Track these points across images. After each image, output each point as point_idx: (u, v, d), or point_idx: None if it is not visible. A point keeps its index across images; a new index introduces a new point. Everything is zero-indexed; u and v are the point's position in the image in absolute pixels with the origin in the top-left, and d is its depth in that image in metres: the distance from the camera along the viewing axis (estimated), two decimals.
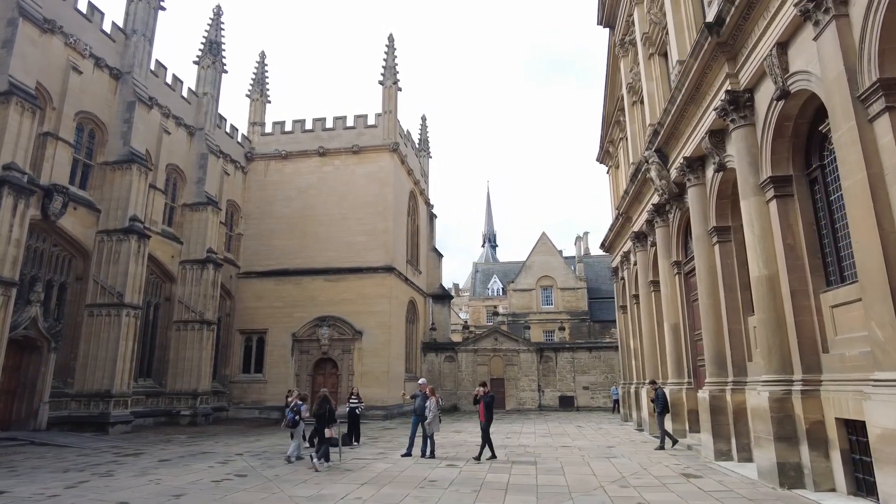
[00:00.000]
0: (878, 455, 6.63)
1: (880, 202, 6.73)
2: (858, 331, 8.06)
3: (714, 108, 11.23)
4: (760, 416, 9.44)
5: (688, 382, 15.68)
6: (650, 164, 15.70)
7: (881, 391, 6.60)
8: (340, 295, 28.64)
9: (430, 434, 13.27)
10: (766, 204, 9.97)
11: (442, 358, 35.10)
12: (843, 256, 8.76)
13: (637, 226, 19.66)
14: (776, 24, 8.94)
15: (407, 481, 10.18)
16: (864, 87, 6.95)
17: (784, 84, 9.00)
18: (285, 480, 10.30)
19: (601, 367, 33.94)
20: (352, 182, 30.04)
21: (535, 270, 50.75)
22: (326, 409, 12.34)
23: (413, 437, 13.74)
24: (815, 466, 8.56)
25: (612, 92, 24.50)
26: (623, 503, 8.20)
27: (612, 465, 11.94)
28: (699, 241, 13.32)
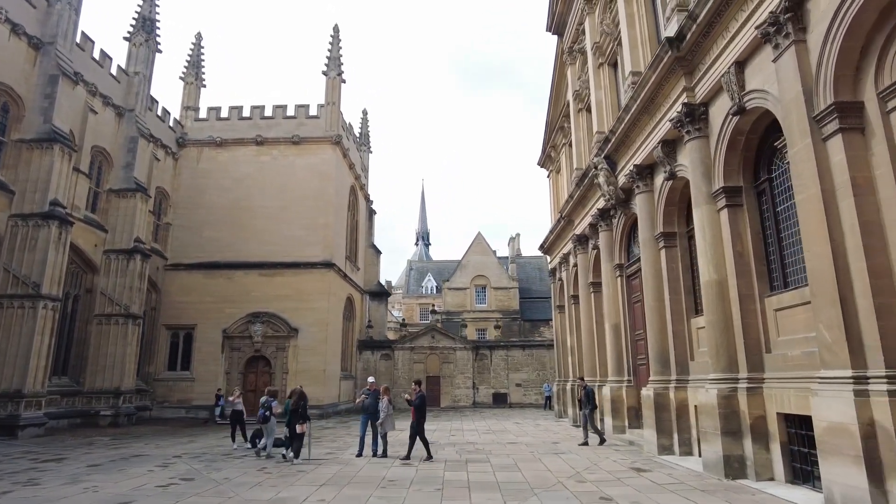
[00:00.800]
0: (823, 446, 7.20)
1: (832, 215, 7.32)
2: (800, 333, 8.75)
3: (669, 119, 11.79)
4: (708, 413, 10.02)
5: (628, 380, 16.39)
6: (599, 170, 16.27)
7: (827, 388, 7.17)
8: (276, 290, 27.70)
9: (383, 433, 13.09)
10: (718, 212, 10.58)
11: (378, 356, 34.77)
12: (787, 264, 9.46)
13: (580, 229, 20.31)
14: (735, 44, 9.51)
15: (366, 481, 9.99)
16: (820, 108, 7.52)
17: (740, 100, 9.59)
18: (239, 483, 9.83)
19: (534, 365, 34.85)
20: (291, 174, 29.12)
21: (469, 270, 51.34)
22: (301, 406, 12.44)
23: (363, 436, 13.51)
24: (756, 458, 9.20)
25: (556, 98, 25.18)
26: (587, 498, 8.44)
27: (563, 460, 12.27)
28: (646, 246, 13.93)
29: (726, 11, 9.55)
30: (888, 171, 6.89)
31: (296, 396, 12.89)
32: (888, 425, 6.36)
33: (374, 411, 13.59)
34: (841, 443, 6.82)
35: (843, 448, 6.78)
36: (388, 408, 12.97)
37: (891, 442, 6.33)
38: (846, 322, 7.00)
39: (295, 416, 12.52)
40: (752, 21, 8.94)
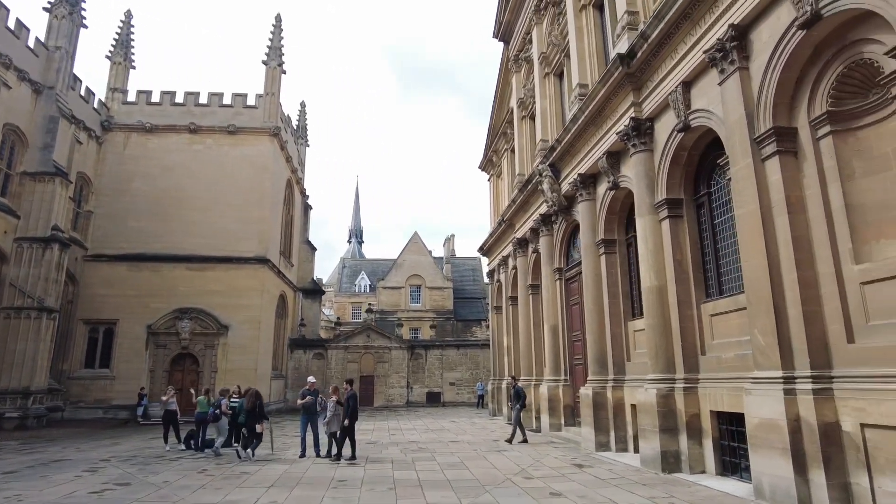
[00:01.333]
0: (754, 441, 7.85)
1: (768, 230, 8.00)
2: (734, 337, 9.47)
3: (616, 131, 12.39)
4: (647, 411, 10.62)
5: (564, 380, 17.02)
6: (543, 177, 16.80)
7: (760, 387, 7.84)
8: (207, 286, 26.55)
9: (328, 433, 12.92)
10: (660, 222, 11.23)
11: (311, 355, 34.08)
12: (723, 273, 10.21)
13: (521, 233, 20.86)
14: (683, 65, 10.15)
15: (316, 482, 9.85)
16: (760, 131, 8.21)
17: (686, 118, 10.25)
18: (181, 487, 9.42)
19: (468, 364, 35.35)
20: (226, 164, 28.01)
21: (405, 269, 51.33)
22: (257, 405, 12.71)
23: (305, 436, 13.27)
24: (691, 453, 9.87)
25: (500, 104, 25.71)
26: (537, 493, 8.74)
27: (506, 458, 12.60)
28: (587, 251, 14.54)
29: (676, 34, 10.17)
30: (817, 191, 7.62)
31: (251, 396, 13.06)
32: (812, 420, 7.04)
33: (315, 411, 13.41)
34: (771, 437, 7.47)
35: (772, 442, 7.43)
36: (336, 408, 12.82)
37: (814, 436, 7.01)
38: (778, 328, 7.68)
39: (252, 415, 12.80)
40: (699, 45, 9.58)
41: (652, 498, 8.16)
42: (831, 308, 7.31)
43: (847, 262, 7.20)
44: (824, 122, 7.59)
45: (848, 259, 7.20)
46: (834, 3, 7.06)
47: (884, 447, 6.47)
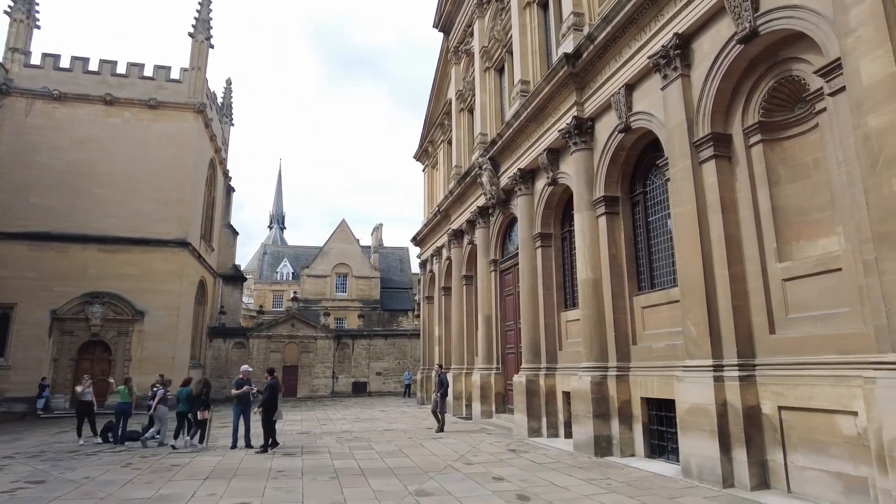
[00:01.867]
0: (684, 424, 8.45)
1: (703, 228, 8.59)
2: (664, 328, 10.10)
3: (559, 129, 12.78)
4: (581, 398, 11.12)
5: (496, 368, 17.45)
6: (483, 170, 17.05)
7: (692, 375, 8.43)
8: (120, 269, 24.80)
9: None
10: (597, 218, 11.73)
11: (231, 344, 32.76)
12: (655, 268, 10.83)
13: (457, 224, 21.07)
14: (627, 68, 10.62)
15: (254, 473, 9.56)
16: (699, 136, 8.77)
17: (627, 120, 10.75)
18: (105, 483, 8.83)
19: (395, 354, 35.33)
20: (145, 140, 26.20)
21: (331, 257, 50.36)
22: (203, 393, 12.86)
23: (237, 427, 12.80)
24: (622, 437, 10.45)
25: (438, 95, 25.72)
26: (481, 478, 8.94)
27: (443, 445, 12.76)
28: (524, 244, 14.94)
29: (622, 37, 10.62)
30: (747, 194, 8.27)
31: (199, 384, 13.19)
32: (737, 405, 7.68)
33: (249, 402, 13.00)
34: (700, 420, 8.07)
35: (701, 425, 8.03)
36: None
37: (738, 418, 7.65)
38: (710, 319, 8.29)
39: (198, 402, 12.86)
40: (644, 50, 10.07)
41: (590, 480, 8.58)
42: (757, 302, 7.98)
43: (772, 260, 7.88)
44: (756, 130, 8.23)
45: (773, 257, 7.87)
46: (770, 22, 7.66)
47: (797, 427, 7.17)
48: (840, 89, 6.59)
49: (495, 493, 7.90)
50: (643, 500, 7.27)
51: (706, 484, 7.84)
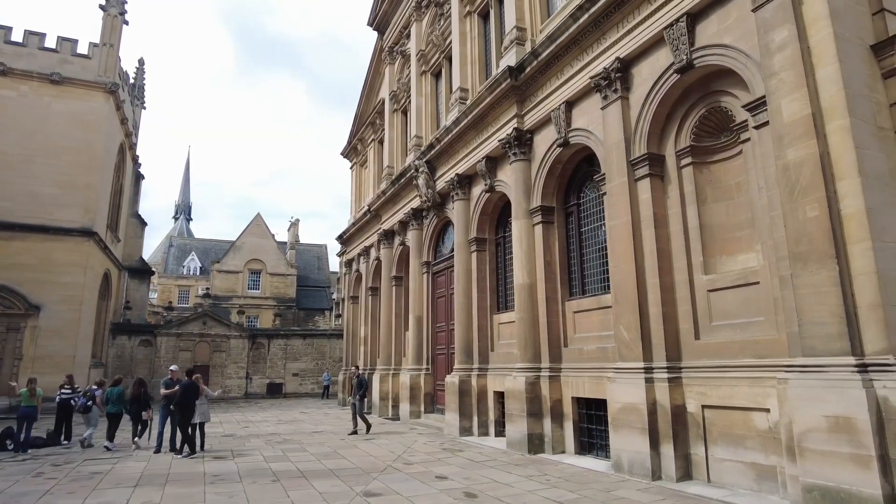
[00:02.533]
0: (616, 422, 9.10)
1: (637, 240, 9.30)
2: (595, 331, 10.80)
3: (499, 139, 13.23)
4: (516, 397, 11.60)
5: (426, 369, 17.67)
6: (419, 173, 17.23)
7: (624, 376, 9.10)
8: (13, 258, 22.52)
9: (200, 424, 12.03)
10: (533, 227, 12.30)
11: (136, 342, 30.68)
12: (587, 275, 11.52)
13: (388, 225, 21.08)
14: (569, 86, 11.23)
15: (188, 479, 9.17)
16: (636, 155, 9.49)
17: (566, 135, 11.36)
18: (19, 495, 8.13)
19: (313, 354, 34.62)
20: (46, 119, 23.96)
21: (244, 252, 48.39)
22: (142, 393, 12.85)
23: (163, 431, 12.16)
24: (553, 435, 11.04)
25: (369, 94, 25.58)
26: (424, 477, 9.12)
27: (377, 446, 12.81)
28: (460, 248, 15.29)
29: (565, 56, 11.21)
30: (678, 211, 9.06)
31: (136, 384, 13.20)
32: (666, 404, 8.41)
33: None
34: (632, 418, 8.74)
35: (633, 422, 8.70)
36: (203, 399, 11.94)
37: (667, 416, 8.37)
38: (641, 325, 8.99)
39: (138, 403, 12.91)
40: (586, 70, 10.70)
41: (528, 476, 9.02)
42: (684, 310, 8.77)
43: (698, 272, 8.69)
44: (687, 153, 9.05)
45: (699, 270, 8.69)
46: (704, 57, 8.46)
47: (717, 423, 7.98)
48: (764, 123, 7.43)
49: (442, 491, 8.12)
50: (582, 493, 7.78)
51: (636, 477, 8.50)
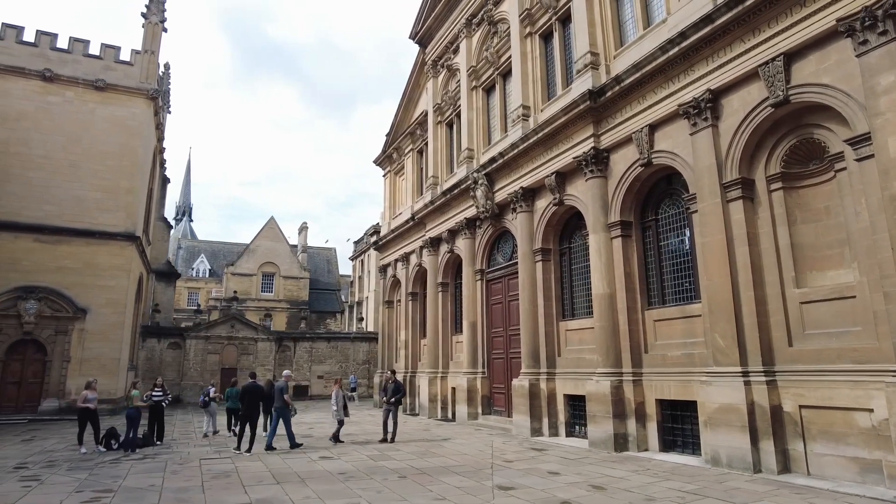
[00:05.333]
0: (713, 422, 9.99)
1: (731, 256, 10.24)
2: (677, 339, 11.72)
3: (574, 156, 14.11)
4: (599, 400, 12.47)
5: (482, 372, 18.49)
6: (478, 185, 18.06)
7: (720, 379, 10.01)
8: (59, 261, 22.89)
9: (340, 420, 14.11)
10: (611, 240, 13.21)
11: (165, 344, 31.03)
12: (666, 286, 12.46)
13: (434, 233, 21.84)
14: (652, 111, 12.14)
15: (321, 477, 9.87)
16: (728, 179, 10.43)
17: (649, 156, 12.28)
18: (187, 489, 8.78)
19: (337, 357, 35.19)
20: (90, 124, 24.34)
21: (258, 255, 48.79)
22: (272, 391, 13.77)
23: (275, 429, 13.29)
24: (638, 434, 11.93)
25: (408, 104, 26.33)
26: (535, 473, 9.89)
27: (461, 444, 13.59)
28: (524, 258, 16.14)
29: (648, 83, 12.14)
30: (769, 230, 10.02)
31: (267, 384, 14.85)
32: (764, 404, 9.34)
33: (279, 405, 13.40)
34: (730, 417, 9.65)
35: (732, 421, 9.61)
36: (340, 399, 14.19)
37: (765, 415, 9.31)
38: (738, 333, 9.93)
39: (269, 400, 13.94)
40: (672, 98, 11.62)
41: (633, 471, 9.89)
42: (776, 320, 9.71)
43: (790, 286, 9.64)
44: (777, 179, 10.01)
45: (790, 283, 9.64)
46: (801, 95, 9.43)
47: (815, 421, 8.93)
48: (867, 157, 8.40)
49: (567, 484, 8.95)
50: (698, 484, 8.68)
51: (736, 471, 9.42)
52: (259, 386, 13.96)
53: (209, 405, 16.05)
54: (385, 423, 14.34)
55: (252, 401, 13.21)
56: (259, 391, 13.69)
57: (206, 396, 16.18)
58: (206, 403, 16.09)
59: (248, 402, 13.15)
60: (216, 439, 15.25)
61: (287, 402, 13.37)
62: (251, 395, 13.29)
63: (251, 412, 13.08)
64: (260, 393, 13.70)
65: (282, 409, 13.26)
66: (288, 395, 13.65)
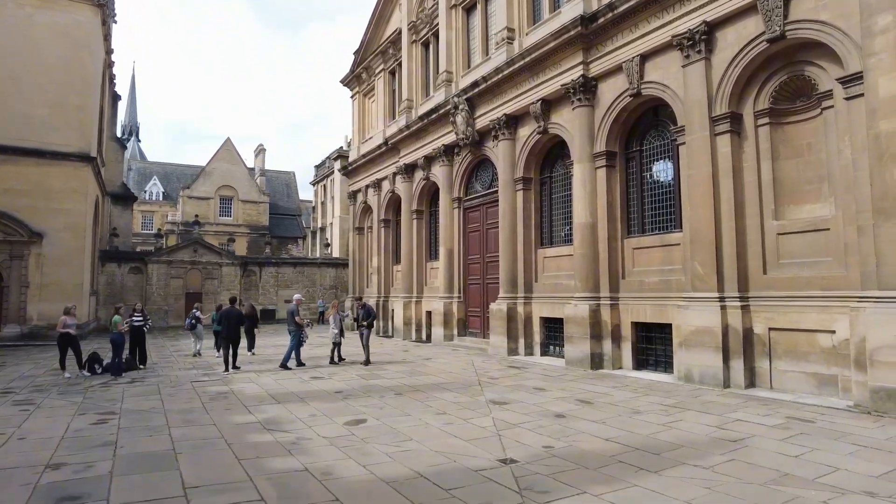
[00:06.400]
0: (688, 343, 10.78)
1: (715, 188, 10.67)
2: (655, 266, 12.34)
3: (562, 83, 14.01)
4: (577, 322, 13.14)
5: (458, 297, 19.03)
6: (459, 109, 17.78)
7: (696, 304, 10.72)
8: (6, 183, 21.47)
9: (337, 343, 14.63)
10: (595, 170, 13.46)
11: (126, 269, 30.23)
12: (646, 216, 12.93)
13: (409, 159, 21.57)
14: (644, 40, 12.09)
15: (320, 396, 10.22)
16: (717, 112, 10.69)
17: (639, 86, 12.34)
18: (190, 410, 8.97)
19: (304, 282, 35.19)
20: (30, 33, 22.18)
21: (215, 178, 47.11)
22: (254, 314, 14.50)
23: (292, 349, 14.04)
24: (613, 354, 12.75)
25: (378, 22, 25.08)
26: (521, 389, 10.50)
27: (443, 363, 14.21)
28: (504, 187, 16.29)
29: (642, 12, 12.01)
30: (752, 164, 10.45)
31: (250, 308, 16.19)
32: (738, 327, 10.11)
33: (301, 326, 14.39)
34: (705, 339, 10.43)
35: (706, 342, 10.40)
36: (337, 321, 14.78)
37: (738, 337, 10.10)
38: (717, 261, 10.54)
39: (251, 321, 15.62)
40: (666, 28, 11.58)
41: (613, 387, 10.65)
42: (753, 250, 10.34)
43: (769, 219, 10.21)
44: (765, 114, 10.33)
45: (770, 216, 10.20)
46: (798, 30, 9.58)
47: (782, 342, 9.78)
48: (857, 96, 8.75)
49: (555, 399, 9.59)
50: (676, 398, 9.46)
51: (707, 386, 10.30)
52: (238, 310, 14.51)
53: (196, 328, 16.57)
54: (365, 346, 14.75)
55: (232, 324, 13.71)
56: (238, 315, 14.26)
57: (194, 319, 16.63)
58: (192, 326, 16.64)
59: (229, 325, 13.63)
60: (200, 361, 15.40)
61: (299, 323, 14.18)
62: (232, 318, 13.80)
63: (232, 334, 13.58)
64: (239, 316, 14.28)
65: (295, 331, 14.07)
66: (300, 318, 14.34)
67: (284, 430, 7.51)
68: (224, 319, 13.88)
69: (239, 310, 14.70)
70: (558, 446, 6.61)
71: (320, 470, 5.73)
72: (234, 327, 13.71)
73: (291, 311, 14.28)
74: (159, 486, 5.25)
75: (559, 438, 6.96)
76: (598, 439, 6.92)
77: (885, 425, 7.39)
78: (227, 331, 13.52)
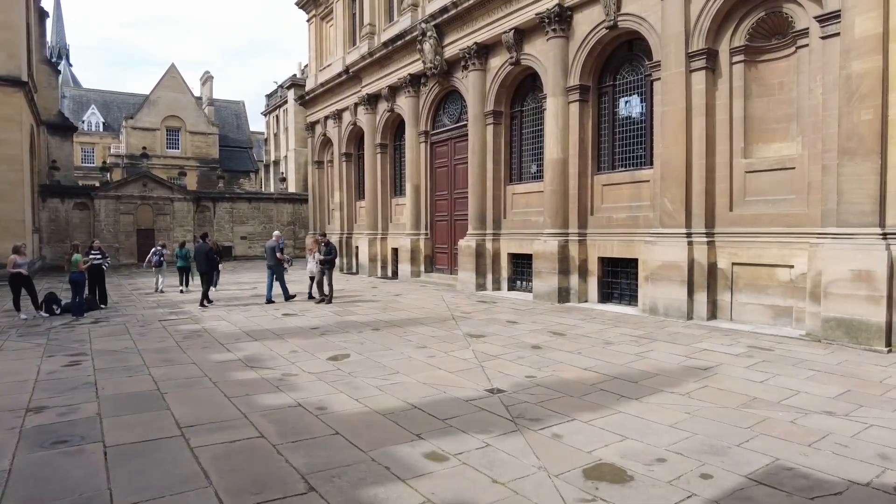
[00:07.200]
0: (655, 277, 11.19)
1: (688, 124, 10.78)
2: (624, 202, 12.57)
3: (537, 12, 13.54)
4: (546, 258, 13.40)
5: (425, 234, 18.99)
6: (427, 37, 17.05)
7: (665, 239, 11.05)
8: None
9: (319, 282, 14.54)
10: (569, 104, 13.34)
11: (71, 205, 28.65)
12: (616, 152, 13.03)
13: (373, 89, 20.79)
14: None
15: (296, 332, 10.18)
16: (694, 48, 10.63)
17: (615, 18, 12.09)
18: (166, 349, 8.80)
19: (260, 218, 34.35)
20: None
21: (160, 107, 44.38)
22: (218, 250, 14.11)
23: (272, 285, 14.20)
24: (579, 288, 13.15)
25: None
26: (494, 322, 10.77)
27: (416, 298, 14.37)
28: (475, 120, 15.99)
29: None
30: (725, 102, 10.55)
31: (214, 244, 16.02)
32: (703, 261, 10.53)
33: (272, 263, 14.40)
34: (671, 273, 10.85)
35: (672, 277, 10.83)
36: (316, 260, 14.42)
37: (703, 271, 10.54)
38: (686, 198, 10.82)
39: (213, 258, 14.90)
40: None
41: (583, 319, 11.06)
42: (721, 187, 10.63)
43: (738, 157, 10.45)
44: (740, 52, 10.34)
45: (739, 154, 10.44)
46: None
47: (743, 276, 10.28)
48: (832, 34, 8.84)
49: (529, 331, 9.88)
50: (644, 329, 9.92)
51: (672, 318, 10.80)
52: (209, 245, 15.06)
53: (161, 265, 16.97)
54: (320, 284, 14.53)
55: (206, 259, 14.14)
56: (209, 250, 14.66)
57: (161, 257, 17.07)
58: (159, 263, 16.97)
59: (202, 261, 14.06)
60: (163, 299, 15.05)
61: (280, 259, 14.29)
62: (204, 254, 14.22)
63: (207, 269, 14.14)
64: (211, 252, 14.76)
65: (276, 266, 14.17)
66: (281, 254, 14.39)
67: (268, 366, 7.50)
68: (198, 255, 14.31)
69: (210, 245, 15.24)
70: (540, 376, 6.86)
71: (314, 405, 5.77)
72: (210, 262, 14.24)
73: (272, 247, 14.36)
74: (153, 425, 5.19)
75: (540, 368, 7.22)
76: (577, 368, 7.21)
77: (834, 351, 7.99)
78: (205, 266, 14.00)
